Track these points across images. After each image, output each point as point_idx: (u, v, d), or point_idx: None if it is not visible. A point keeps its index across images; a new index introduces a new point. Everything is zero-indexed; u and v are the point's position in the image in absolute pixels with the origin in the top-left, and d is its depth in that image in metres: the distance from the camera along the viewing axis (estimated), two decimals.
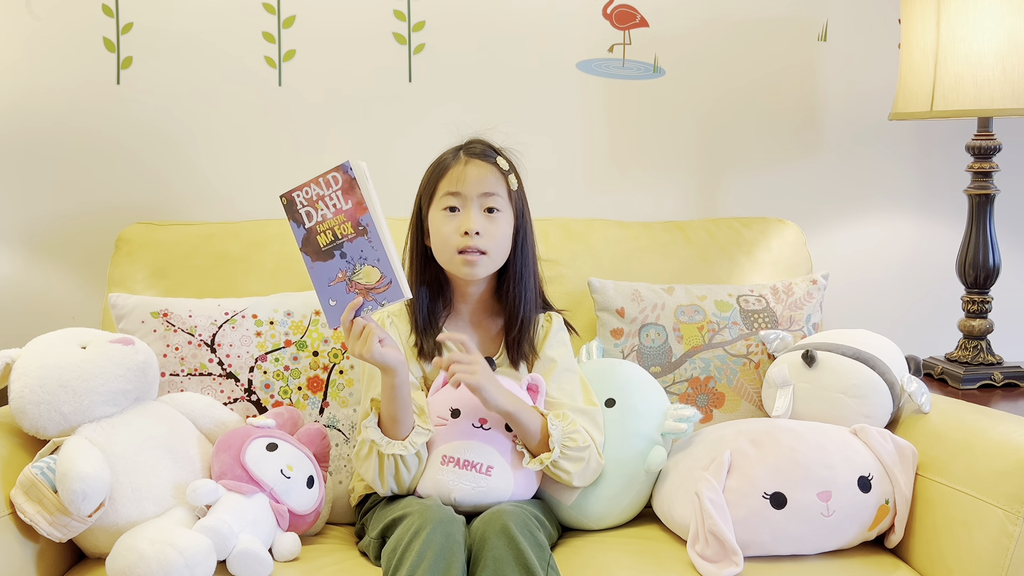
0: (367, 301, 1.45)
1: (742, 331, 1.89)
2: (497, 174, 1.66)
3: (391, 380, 1.50)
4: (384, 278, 1.44)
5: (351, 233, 1.45)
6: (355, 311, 1.45)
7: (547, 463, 1.56)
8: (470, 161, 1.65)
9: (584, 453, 1.59)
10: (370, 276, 1.45)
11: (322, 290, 1.47)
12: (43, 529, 1.41)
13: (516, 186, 1.68)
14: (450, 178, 1.65)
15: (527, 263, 1.70)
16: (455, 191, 1.63)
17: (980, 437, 1.52)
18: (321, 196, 1.45)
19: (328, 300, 1.47)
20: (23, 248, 2.17)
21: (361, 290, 1.45)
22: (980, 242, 2.09)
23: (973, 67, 1.93)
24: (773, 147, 2.34)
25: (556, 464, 1.57)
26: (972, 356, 2.12)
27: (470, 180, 1.63)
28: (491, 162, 1.66)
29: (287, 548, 1.52)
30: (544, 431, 1.57)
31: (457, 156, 1.67)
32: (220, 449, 1.56)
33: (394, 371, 1.49)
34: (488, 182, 1.64)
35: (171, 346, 1.74)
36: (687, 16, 2.28)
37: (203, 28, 2.16)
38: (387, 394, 1.51)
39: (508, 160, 1.68)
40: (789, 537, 1.51)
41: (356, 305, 1.45)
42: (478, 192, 1.63)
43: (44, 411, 1.49)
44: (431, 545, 1.35)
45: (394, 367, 1.48)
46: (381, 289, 1.45)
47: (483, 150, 1.68)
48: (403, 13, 2.21)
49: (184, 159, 2.19)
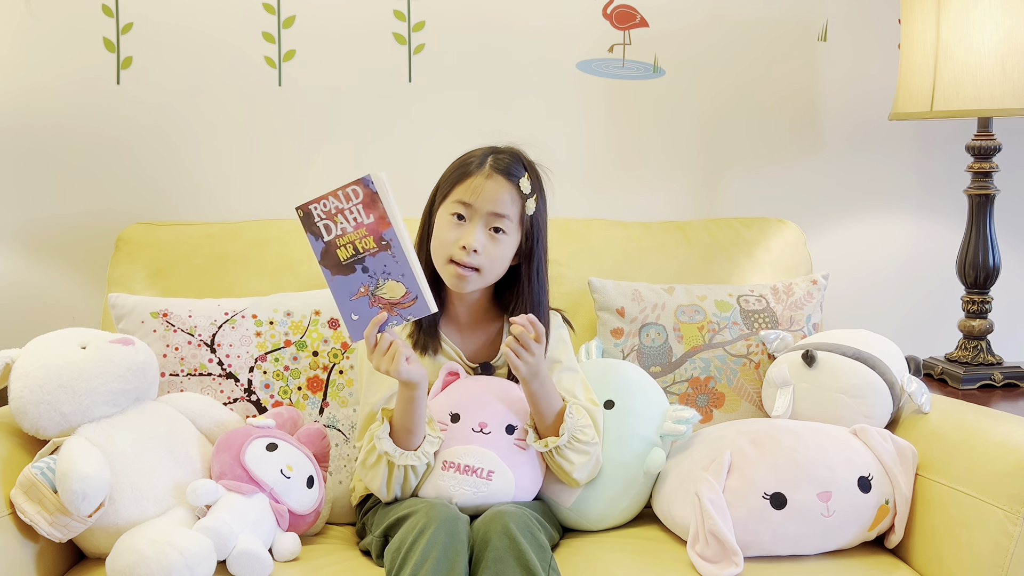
0: (392, 316, 1.43)
1: (742, 331, 1.89)
2: (515, 195, 1.61)
3: (412, 393, 1.49)
4: (410, 293, 1.42)
5: (373, 247, 1.41)
6: (379, 326, 1.43)
7: (551, 447, 1.56)
8: (492, 175, 1.60)
9: (591, 448, 1.59)
10: (394, 291, 1.42)
11: (343, 304, 1.44)
12: (43, 529, 1.41)
13: (533, 210, 1.63)
14: (466, 186, 1.61)
15: (542, 288, 1.67)
16: (467, 202, 1.60)
17: (980, 437, 1.52)
18: (340, 209, 1.41)
19: (350, 314, 1.44)
20: (23, 248, 2.17)
21: (385, 305, 1.43)
22: (980, 242, 2.09)
23: (973, 67, 1.93)
24: (773, 147, 2.34)
25: (561, 452, 1.57)
26: (972, 356, 2.12)
27: (484, 196, 1.59)
28: (513, 181, 1.61)
29: (287, 548, 1.51)
30: (560, 418, 1.57)
31: (482, 165, 1.62)
32: (220, 449, 1.56)
33: (416, 385, 1.48)
34: (502, 202, 1.60)
35: (171, 346, 1.74)
36: (687, 16, 2.28)
37: (203, 28, 2.16)
38: (406, 407, 1.51)
39: (533, 181, 1.64)
40: (789, 537, 1.51)
41: (381, 320, 1.43)
42: (488, 210, 1.60)
43: (44, 411, 1.49)
44: (435, 544, 1.35)
45: (418, 382, 1.48)
46: (407, 304, 1.42)
47: (510, 165, 1.62)
48: (403, 13, 2.21)
49: (184, 159, 2.19)
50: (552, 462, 1.60)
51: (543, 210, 1.67)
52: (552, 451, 1.57)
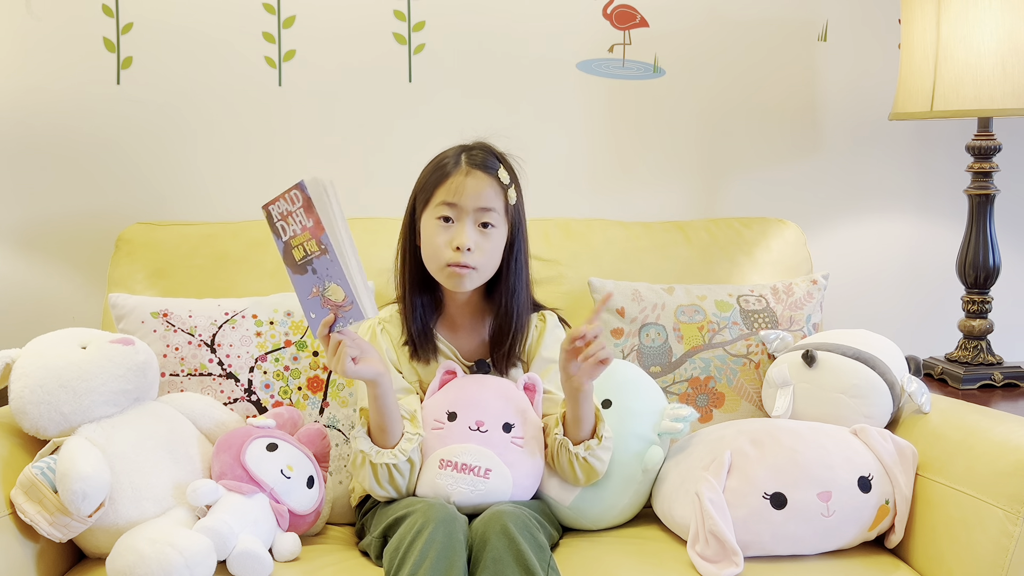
0: (338, 318, 1.44)
1: (742, 331, 1.89)
2: (496, 188, 1.62)
3: (373, 391, 1.50)
4: (347, 298, 1.42)
5: (316, 251, 1.42)
6: (328, 327, 1.44)
7: (594, 448, 1.55)
8: (471, 172, 1.62)
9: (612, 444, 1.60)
10: (337, 294, 1.43)
11: (304, 302, 1.46)
12: (43, 529, 1.41)
13: (515, 199, 1.65)
14: (448, 187, 1.61)
15: (520, 276, 1.68)
16: (452, 202, 1.61)
17: (980, 437, 1.52)
18: (288, 212, 1.43)
19: (309, 312, 1.46)
20: (23, 248, 2.17)
21: (332, 307, 1.44)
22: (980, 242, 2.09)
23: (973, 67, 1.93)
24: (773, 147, 2.34)
25: (594, 453, 1.56)
26: (972, 356, 2.12)
27: (468, 193, 1.60)
28: (492, 174, 1.62)
29: (287, 548, 1.52)
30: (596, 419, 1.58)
31: (458, 163, 1.63)
32: (220, 449, 1.56)
33: (375, 383, 1.48)
34: (486, 196, 1.61)
35: (171, 346, 1.74)
36: (687, 16, 2.28)
37: (203, 28, 2.16)
38: (372, 405, 1.52)
39: (510, 172, 1.65)
40: (789, 537, 1.51)
41: (329, 322, 1.44)
42: (475, 207, 1.60)
43: (44, 411, 1.49)
44: (433, 544, 1.35)
45: (374, 380, 1.48)
46: (346, 308, 1.43)
47: (485, 159, 1.64)
48: (403, 13, 2.21)
49: (184, 159, 2.19)
50: (583, 465, 1.58)
51: (521, 199, 1.68)
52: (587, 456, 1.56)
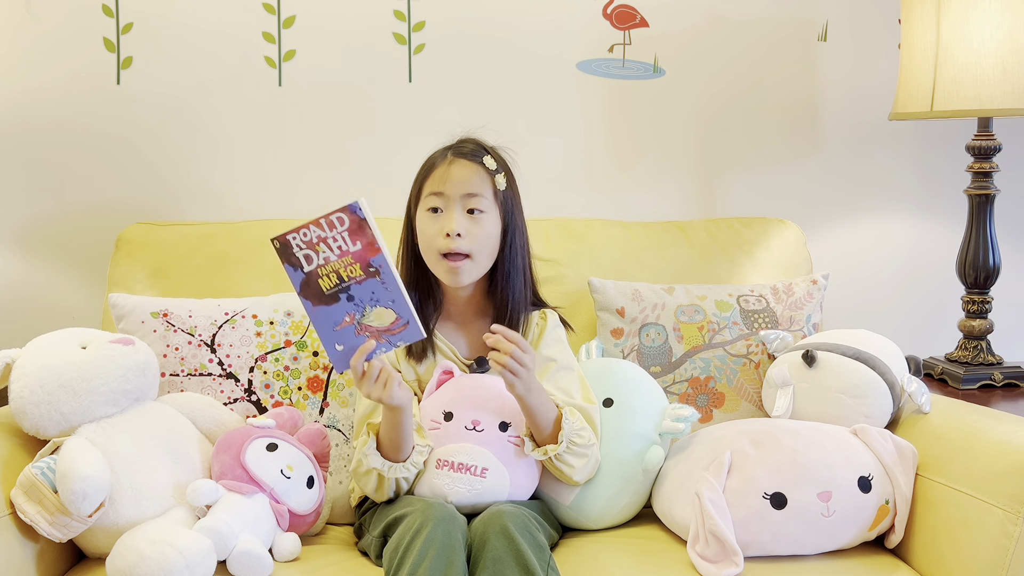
0: (380, 344, 1.42)
1: (742, 331, 1.89)
2: (483, 174, 1.64)
3: (398, 416, 1.50)
4: (400, 319, 1.40)
5: (360, 275, 1.39)
6: (367, 354, 1.42)
7: (551, 455, 1.56)
8: (455, 161, 1.64)
9: (588, 451, 1.59)
10: (383, 318, 1.40)
11: (326, 335, 1.42)
12: (43, 529, 1.41)
13: (504, 186, 1.65)
14: (434, 178, 1.64)
15: (516, 264, 1.68)
16: (438, 191, 1.63)
17: (980, 437, 1.52)
18: (323, 238, 1.38)
19: (334, 344, 1.42)
20: (23, 248, 2.17)
21: (373, 332, 1.41)
22: (980, 242, 2.09)
23: (973, 67, 1.93)
24: (773, 147, 2.34)
25: (560, 458, 1.57)
26: (972, 356, 2.12)
27: (453, 180, 1.62)
28: (477, 162, 1.64)
29: (287, 548, 1.52)
30: (557, 425, 1.57)
31: (444, 156, 1.66)
32: (220, 449, 1.56)
33: (402, 409, 1.49)
34: (472, 183, 1.62)
35: (171, 346, 1.74)
36: (687, 16, 2.28)
37: (203, 28, 2.16)
38: (392, 425, 1.51)
39: (496, 159, 1.66)
40: (789, 537, 1.51)
41: (369, 349, 1.41)
42: (461, 193, 1.62)
43: (44, 411, 1.49)
44: (432, 543, 1.36)
45: (405, 406, 1.49)
46: (397, 331, 1.41)
47: (472, 149, 1.66)
48: (403, 13, 2.21)
49: (184, 159, 2.19)
50: (552, 467, 1.60)
51: (513, 187, 1.69)
52: (551, 458, 1.57)
